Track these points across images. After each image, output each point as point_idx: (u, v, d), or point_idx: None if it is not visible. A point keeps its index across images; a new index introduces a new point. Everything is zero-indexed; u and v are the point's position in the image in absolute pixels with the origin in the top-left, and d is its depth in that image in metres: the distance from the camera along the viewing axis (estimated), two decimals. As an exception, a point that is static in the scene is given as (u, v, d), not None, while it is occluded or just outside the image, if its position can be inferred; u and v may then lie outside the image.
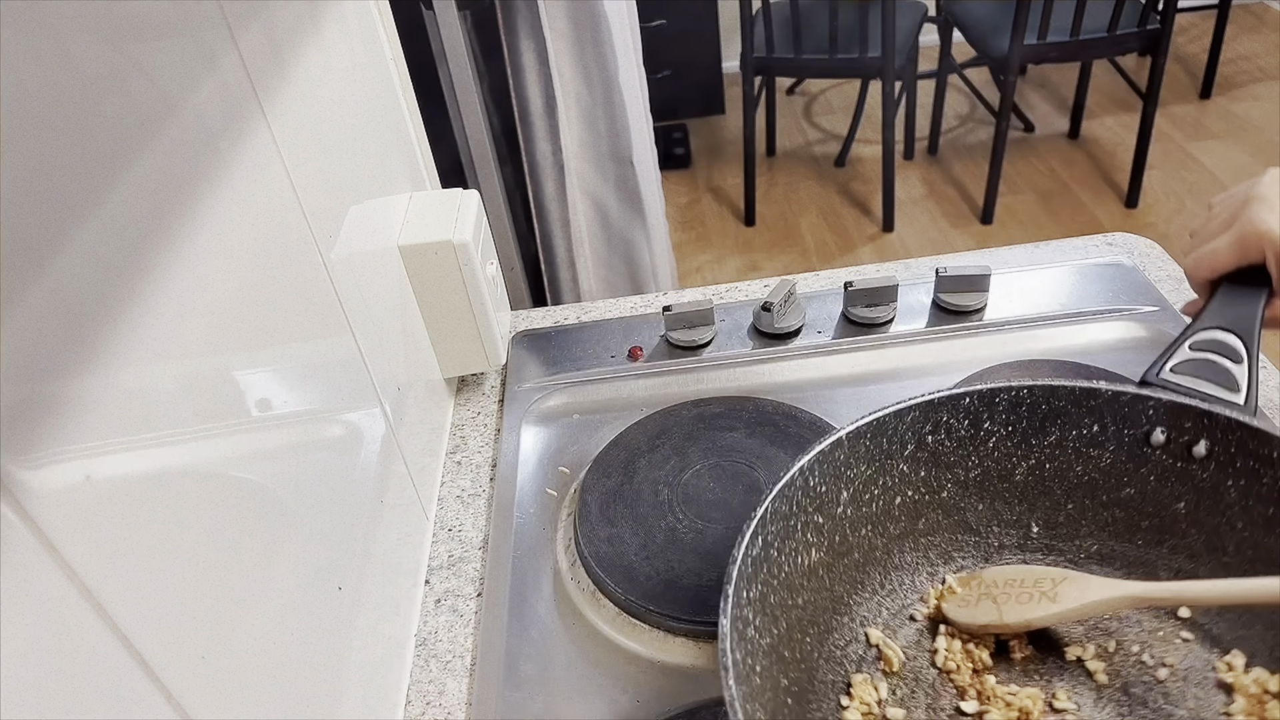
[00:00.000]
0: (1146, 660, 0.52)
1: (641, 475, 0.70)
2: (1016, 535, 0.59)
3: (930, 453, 0.57)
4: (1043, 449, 0.57)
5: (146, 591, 0.32)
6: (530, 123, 1.39)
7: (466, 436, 0.79)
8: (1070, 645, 0.54)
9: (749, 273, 2.46)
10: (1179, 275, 0.86)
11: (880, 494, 0.57)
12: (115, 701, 0.29)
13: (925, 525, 0.59)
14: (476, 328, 0.76)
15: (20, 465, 0.26)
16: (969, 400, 0.56)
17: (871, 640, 0.56)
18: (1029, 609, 0.53)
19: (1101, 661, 0.53)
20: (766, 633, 0.49)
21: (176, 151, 0.37)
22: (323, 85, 0.57)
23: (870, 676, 0.54)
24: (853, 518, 0.56)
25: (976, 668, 0.53)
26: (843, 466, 0.55)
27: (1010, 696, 0.51)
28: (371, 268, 0.63)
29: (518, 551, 0.67)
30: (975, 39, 2.38)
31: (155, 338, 0.34)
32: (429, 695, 0.59)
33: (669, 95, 2.97)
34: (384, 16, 0.75)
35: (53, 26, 0.31)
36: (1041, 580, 0.54)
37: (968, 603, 0.55)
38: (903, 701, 0.53)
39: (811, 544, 0.54)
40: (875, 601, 0.58)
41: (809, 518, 0.54)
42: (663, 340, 0.84)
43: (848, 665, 0.54)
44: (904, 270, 0.92)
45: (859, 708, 0.52)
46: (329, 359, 0.53)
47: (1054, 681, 0.53)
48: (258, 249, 0.44)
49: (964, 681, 0.53)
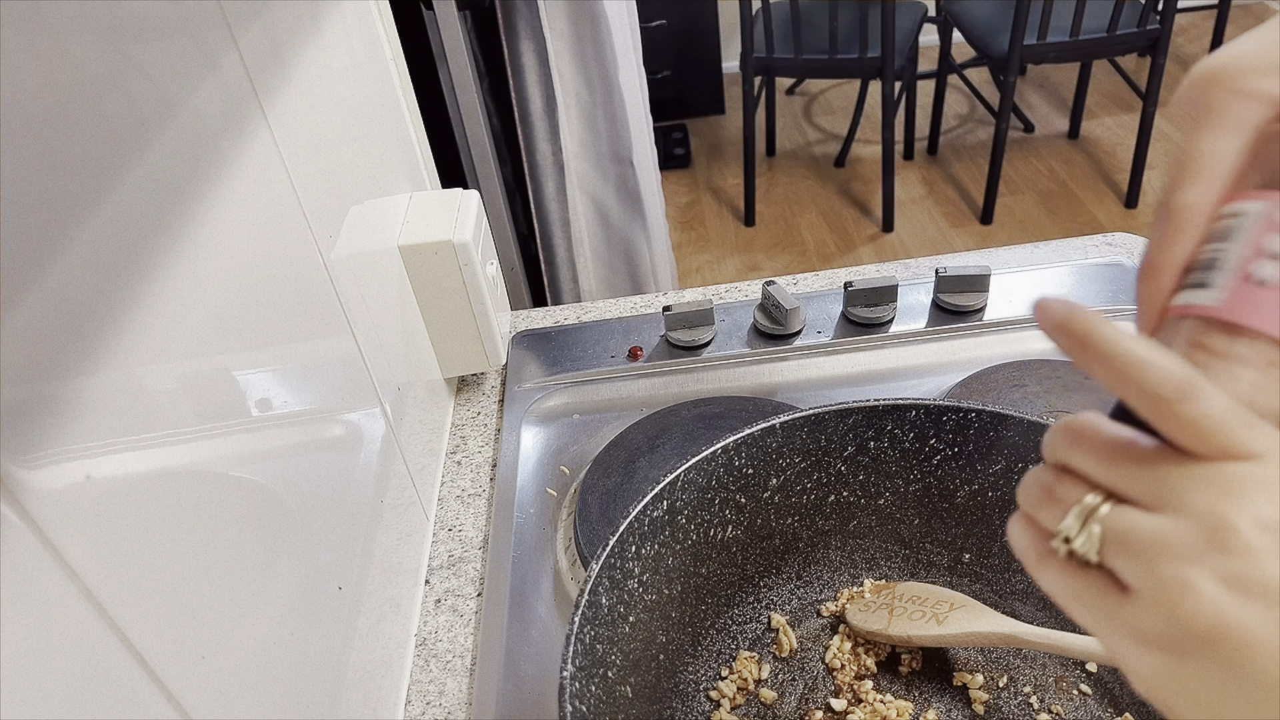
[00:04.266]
0: (1033, 703, 0.53)
1: (641, 475, 0.70)
2: (948, 557, 0.59)
3: (872, 458, 0.57)
4: (987, 476, 0.56)
5: (146, 591, 0.32)
6: (530, 123, 1.39)
7: (466, 436, 0.79)
8: (959, 671, 0.55)
9: (749, 273, 2.46)
10: (1179, 275, 0.86)
11: (813, 488, 0.57)
12: (115, 701, 0.29)
13: (856, 528, 0.59)
14: (476, 328, 0.76)
15: (20, 465, 0.26)
16: (915, 414, 0.55)
17: (773, 624, 0.58)
18: (914, 626, 0.54)
19: (986, 693, 0.54)
20: (654, 590, 0.51)
21: (176, 151, 0.37)
22: (323, 85, 0.57)
23: (758, 656, 0.56)
24: (779, 505, 0.57)
25: (860, 672, 0.55)
26: (775, 454, 0.55)
27: (881, 704, 0.53)
28: (371, 268, 0.63)
29: (518, 551, 0.67)
30: (975, 39, 2.38)
31: (155, 338, 0.34)
32: (429, 695, 0.59)
33: (669, 95, 2.97)
34: (384, 16, 0.75)
35: (53, 26, 0.31)
36: (941, 603, 0.55)
37: (868, 609, 0.57)
38: (780, 686, 0.55)
39: (730, 520, 0.56)
40: (789, 589, 0.59)
41: (730, 495, 0.55)
42: (663, 340, 0.84)
43: (740, 640, 0.57)
44: (904, 270, 0.92)
45: (736, 681, 0.54)
46: (329, 359, 0.53)
47: (932, 701, 0.54)
48: (258, 249, 0.44)
49: (844, 681, 0.55)
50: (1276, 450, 0.23)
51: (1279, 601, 0.21)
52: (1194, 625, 0.22)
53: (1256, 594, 0.21)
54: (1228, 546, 0.22)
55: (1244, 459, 0.23)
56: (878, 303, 0.83)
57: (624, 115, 1.42)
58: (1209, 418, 0.23)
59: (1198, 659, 0.22)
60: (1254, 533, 0.22)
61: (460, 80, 1.31)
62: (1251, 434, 0.23)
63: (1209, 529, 0.22)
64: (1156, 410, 0.24)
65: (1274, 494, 0.22)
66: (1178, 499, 0.23)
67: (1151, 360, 0.24)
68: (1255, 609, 0.21)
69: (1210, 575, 0.22)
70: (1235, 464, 0.23)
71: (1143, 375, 0.24)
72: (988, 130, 2.93)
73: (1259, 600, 0.21)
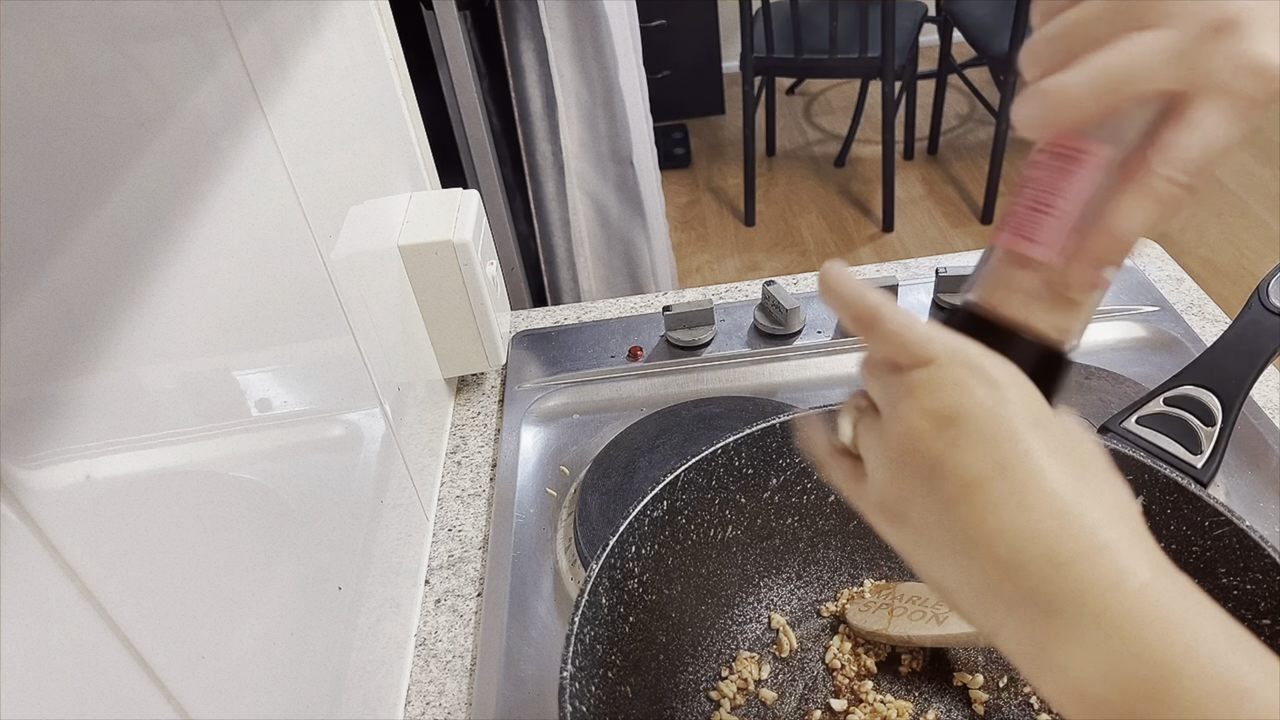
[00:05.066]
0: (1033, 703, 0.53)
1: (641, 475, 0.70)
2: None
3: None
4: None
5: (146, 591, 0.32)
6: (530, 123, 1.39)
7: (466, 436, 0.79)
8: (960, 671, 0.55)
9: (749, 273, 2.46)
10: (1179, 275, 0.86)
11: (813, 488, 0.58)
12: (115, 701, 0.29)
13: (856, 527, 0.59)
14: (476, 328, 0.76)
15: (20, 465, 0.26)
16: None
17: (773, 624, 0.57)
18: (914, 626, 0.54)
19: (986, 693, 0.54)
20: (654, 590, 0.51)
21: (176, 151, 0.37)
22: (323, 85, 0.57)
23: (758, 656, 0.56)
24: (779, 505, 0.57)
25: (860, 672, 0.55)
26: (775, 454, 0.56)
27: (881, 704, 0.53)
28: (371, 268, 0.63)
29: (518, 551, 0.67)
30: (975, 39, 2.38)
31: (155, 338, 0.34)
32: (429, 695, 0.59)
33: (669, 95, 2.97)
34: (384, 16, 0.75)
35: (53, 26, 0.31)
36: (941, 603, 0.55)
37: (868, 609, 0.57)
38: (780, 686, 0.55)
39: (730, 520, 0.56)
40: (789, 589, 0.59)
41: (730, 495, 0.55)
42: (663, 340, 0.84)
43: (741, 640, 0.57)
44: (904, 270, 0.92)
45: (736, 681, 0.54)
46: (329, 359, 0.53)
47: (932, 701, 0.54)
48: (258, 249, 0.44)
49: (844, 681, 0.55)
50: (943, 352, 0.30)
51: (928, 466, 0.30)
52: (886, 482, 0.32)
53: (912, 461, 0.30)
54: (905, 432, 0.30)
55: (923, 365, 0.30)
56: (878, 303, 0.83)
57: (624, 115, 1.42)
58: (891, 334, 0.31)
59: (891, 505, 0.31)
60: (918, 419, 0.30)
61: (460, 80, 1.31)
62: (925, 344, 0.30)
63: (897, 419, 0.31)
64: (865, 331, 0.31)
65: (934, 389, 0.30)
66: (890, 398, 0.31)
67: (861, 294, 0.31)
68: (910, 476, 0.30)
69: (893, 445, 0.31)
70: (918, 370, 0.30)
71: (855, 306, 0.32)
72: (988, 130, 2.93)
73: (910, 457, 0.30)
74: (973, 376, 0.29)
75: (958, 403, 0.29)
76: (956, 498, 0.29)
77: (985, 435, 0.29)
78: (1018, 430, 0.29)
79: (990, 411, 0.29)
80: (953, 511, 0.29)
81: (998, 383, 0.29)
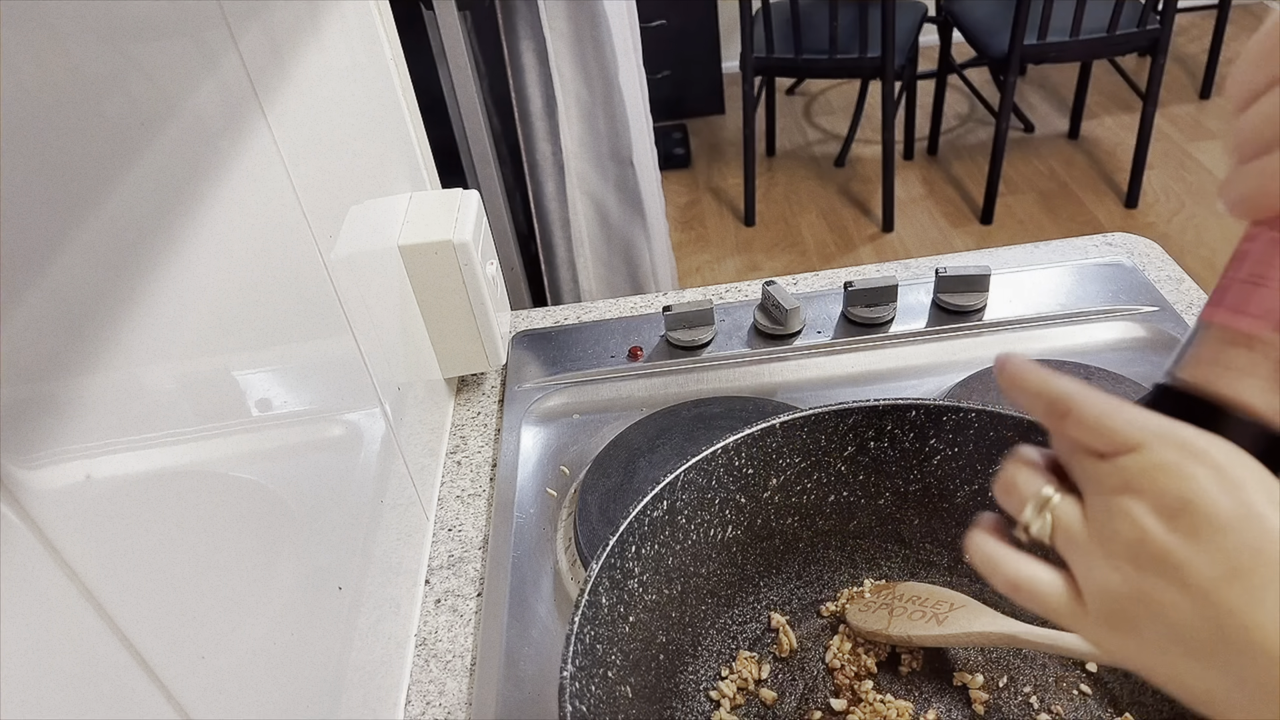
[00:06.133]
0: (1033, 703, 0.53)
1: (641, 475, 0.70)
2: (948, 557, 0.59)
3: (872, 459, 0.57)
4: (987, 476, 0.55)
5: (146, 591, 0.32)
6: (530, 123, 1.39)
7: (466, 436, 0.79)
8: (959, 671, 0.55)
9: (749, 273, 2.46)
10: (1179, 275, 0.86)
11: (813, 488, 0.57)
12: (115, 701, 0.29)
13: (856, 527, 0.59)
14: (476, 328, 0.76)
15: (20, 465, 0.26)
16: (915, 414, 0.55)
17: (773, 624, 0.57)
18: (915, 626, 0.54)
19: (986, 693, 0.54)
20: (654, 590, 0.51)
21: (176, 151, 0.37)
22: (323, 85, 0.57)
23: (758, 655, 0.56)
24: (779, 505, 0.57)
25: (860, 672, 0.55)
26: (774, 454, 0.55)
27: (881, 704, 0.53)
28: (371, 268, 0.63)
29: (518, 551, 0.67)
30: (975, 39, 2.38)
31: (155, 338, 0.34)
32: (429, 695, 0.59)
33: (669, 95, 2.97)
34: (384, 16, 0.75)
35: (53, 26, 0.31)
36: (941, 603, 0.55)
37: (868, 608, 0.57)
38: (780, 686, 0.55)
39: (730, 520, 0.56)
40: (789, 589, 0.59)
41: (730, 495, 0.55)
42: (663, 340, 0.84)
43: (740, 640, 0.57)
44: (904, 270, 0.92)
45: (736, 680, 0.54)
46: (329, 359, 0.53)
47: (932, 701, 0.54)
48: (258, 249, 0.44)
49: (844, 681, 0.54)
50: (1151, 437, 0.28)
51: (1168, 565, 0.27)
52: (1106, 598, 0.29)
53: (1147, 561, 0.28)
54: (1132, 529, 0.28)
55: (1130, 451, 0.28)
56: (878, 303, 0.83)
57: (624, 115, 1.42)
58: (1091, 422, 0.29)
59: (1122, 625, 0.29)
60: (1142, 514, 0.28)
61: (460, 80, 1.31)
62: (1129, 429, 0.28)
63: (1114, 516, 0.28)
64: (1059, 422, 0.30)
65: (1153, 479, 0.28)
66: (1098, 490, 0.29)
67: (1048, 383, 0.30)
68: (1149, 576, 0.28)
69: (1118, 552, 0.28)
70: (1126, 457, 0.28)
71: (1045, 397, 0.31)
72: (988, 130, 2.93)
73: (1154, 565, 0.27)
74: (1191, 460, 0.27)
75: (1182, 489, 0.27)
76: (1209, 593, 0.26)
77: (1222, 522, 0.26)
78: (1258, 512, 0.26)
79: (1222, 495, 0.27)
80: (1207, 610, 0.26)
81: (1221, 464, 0.27)
